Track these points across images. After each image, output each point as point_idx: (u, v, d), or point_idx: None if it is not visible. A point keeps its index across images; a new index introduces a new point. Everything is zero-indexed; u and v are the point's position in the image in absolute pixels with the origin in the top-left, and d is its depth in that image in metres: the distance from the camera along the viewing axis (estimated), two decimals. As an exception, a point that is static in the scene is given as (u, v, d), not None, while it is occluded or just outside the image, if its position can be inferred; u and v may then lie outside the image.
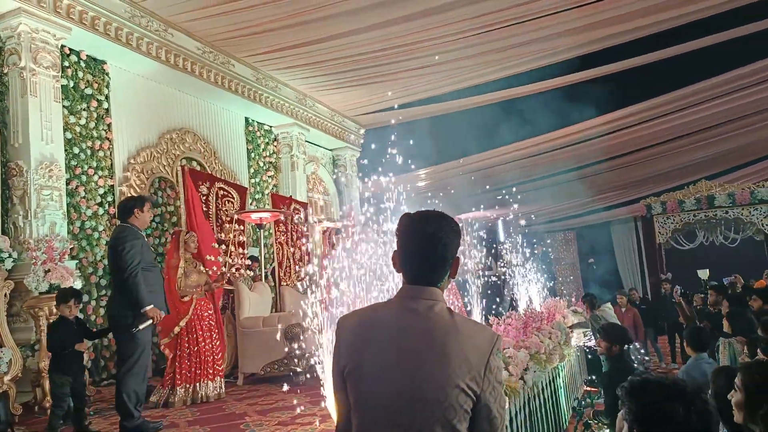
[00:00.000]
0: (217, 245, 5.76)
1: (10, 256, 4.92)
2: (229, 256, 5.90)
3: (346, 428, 1.45)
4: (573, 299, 9.03)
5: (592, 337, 6.77)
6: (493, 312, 6.04)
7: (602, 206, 15.73)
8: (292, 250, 8.44)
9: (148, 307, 3.95)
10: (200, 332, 4.86)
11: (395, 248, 1.46)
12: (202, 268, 5.11)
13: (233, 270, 5.68)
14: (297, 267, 7.38)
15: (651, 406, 1.49)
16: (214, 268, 5.39)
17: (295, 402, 4.43)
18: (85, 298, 6.08)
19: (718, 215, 12.92)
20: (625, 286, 15.52)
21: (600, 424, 3.79)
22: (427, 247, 1.39)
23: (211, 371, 4.90)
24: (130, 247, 3.96)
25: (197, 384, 4.81)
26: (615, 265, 16.99)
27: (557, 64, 9.64)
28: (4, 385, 4.57)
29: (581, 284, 16.80)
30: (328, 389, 2.88)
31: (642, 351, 7.65)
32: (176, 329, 4.78)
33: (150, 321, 4.00)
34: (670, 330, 9.20)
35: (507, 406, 2.79)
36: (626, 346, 3.60)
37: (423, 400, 1.29)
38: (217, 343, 5.03)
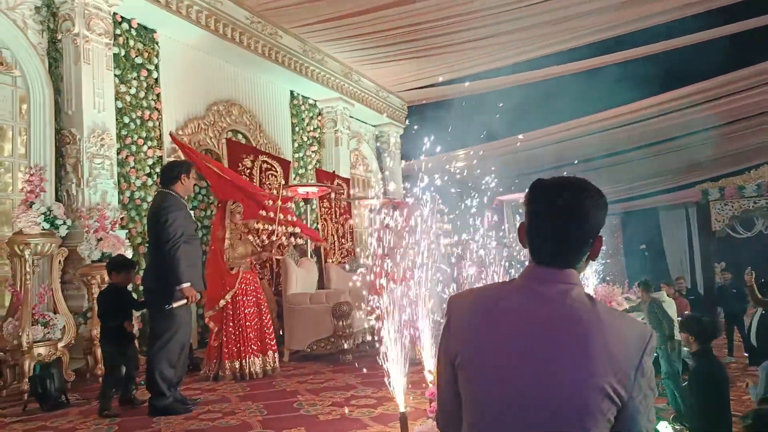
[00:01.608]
0: (271, 202, 5.50)
1: (64, 223, 4.92)
2: (274, 232, 5.73)
3: (453, 422, 1.27)
4: (626, 287, 8.62)
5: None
6: None
7: (652, 191, 15.06)
8: (335, 226, 8.33)
9: (184, 285, 3.73)
10: (244, 308, 4.73)
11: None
12: (251, 237, 4.97)
13: (284, 238, 5.43)
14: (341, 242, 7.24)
15: None
16: (271, 219, 5.14)
17: (347, 382, 4.32)
18: (134, 268, 6.09)
19: (781, 203, 12.17)
20: (672, 276, 14.90)
21: (682, 428, 3.45)
22: (564, 220, 1.16)
23: (255, 347, 4.76)
24: (173, 219, 3.76)
25: (243, 360, 4.71)
26: (662, 252, 16.33)
27: (612, 38, 9.11)
28: (58, 351, 4.62)
29: (625, 272, 16.23)
30: (395, 378, 2.71)
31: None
32: (221, 302, 4.67)
33: (184, 301, 3.79)
34: (728, 322, 8.71)
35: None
36: (710, 342, 3.27)
37: (555, 403, 1.08)
38: (267, 317, 4.89)
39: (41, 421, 3.66)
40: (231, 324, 4.69)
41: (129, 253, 5.49)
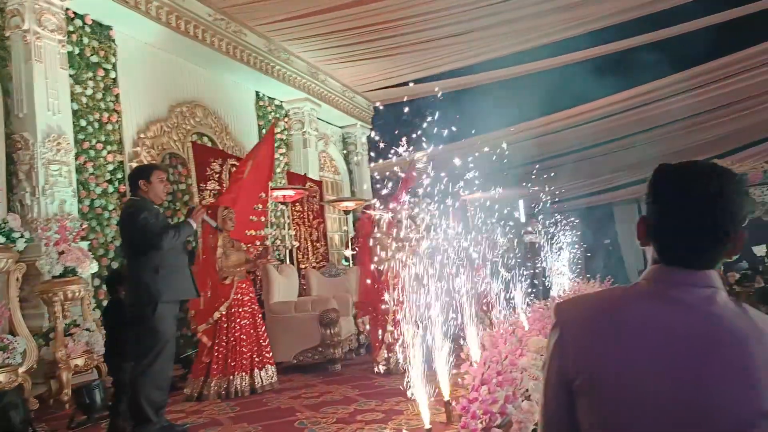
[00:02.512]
0: (255, 218, 5.24)
1: (21, 236, 4.46)
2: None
3: None
4: (596, 282, 8.79)
5: None
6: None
7: (609, 186, 15.51)
8: (309, 230, 8.06)
9: (189, 220, 3.68)
10: (239, 320, 4.42)
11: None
12: (243, 246, 4.65)
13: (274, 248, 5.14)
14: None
15: None
16: (257, 243, 4.91)
17: (345, 395, 4.10)
18: (96, 281, 5.65)
19: (729, 195, 12.77)
20: (627, 269, 15.38)
21: None
22: (706, 213, 1.00)
23: (246, 363, 4.45)
24: (143, 219, 3.45)
25: (231, 377, 4.39)
26: (619, 247, 16.87)
27: (575, 38, 9.28)
28: (19, 377, 4.17)
29: (584, 267, 16.65)
30: (417, 389, 2.53)
31: None
32: (216, 315, 4.33)
33: (201, 213, 3.79)
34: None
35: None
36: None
37: None
38: (263, 329, 4.59)
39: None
40: (224, 338, 4.36)
41: (94, 267, 5.08)
